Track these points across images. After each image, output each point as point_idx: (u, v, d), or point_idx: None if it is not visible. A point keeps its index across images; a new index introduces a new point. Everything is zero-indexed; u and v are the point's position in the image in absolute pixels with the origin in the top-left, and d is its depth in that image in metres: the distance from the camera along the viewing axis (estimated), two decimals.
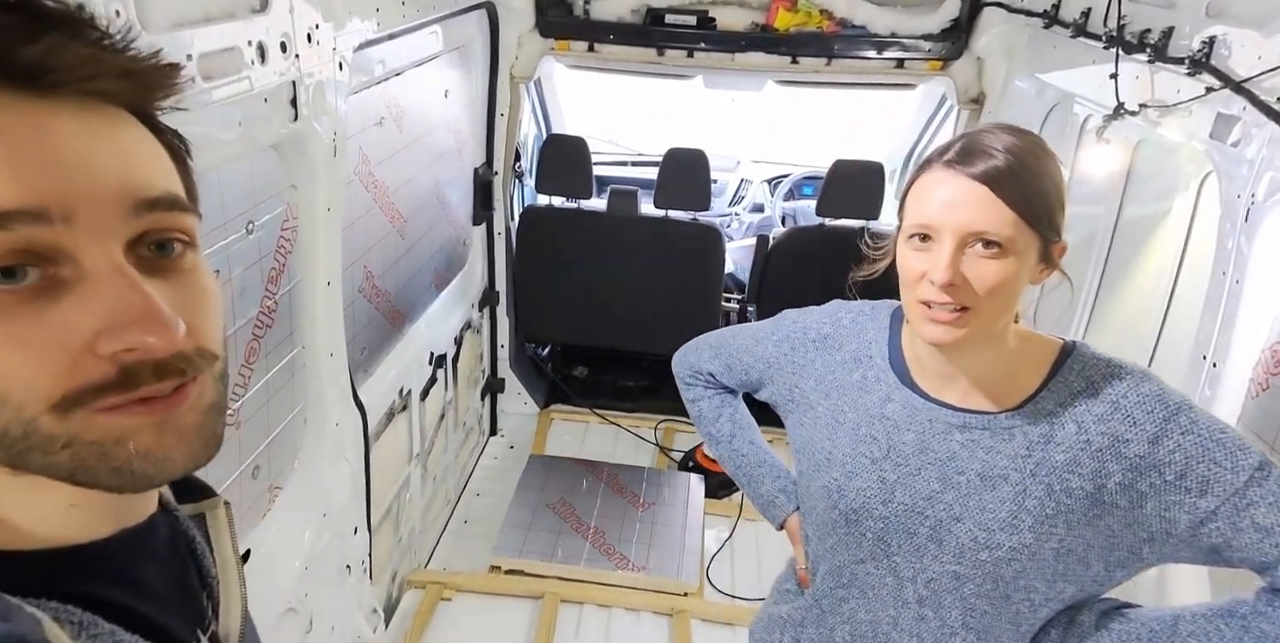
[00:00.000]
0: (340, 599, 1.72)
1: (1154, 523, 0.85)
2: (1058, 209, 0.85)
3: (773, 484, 1.18)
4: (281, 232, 1.46)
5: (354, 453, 1.74)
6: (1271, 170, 1.26)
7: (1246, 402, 1.35)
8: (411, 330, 2.36)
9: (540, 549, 2.46)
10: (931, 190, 0.84)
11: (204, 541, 0.55)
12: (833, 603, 1.04)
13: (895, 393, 0.95)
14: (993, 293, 0.82)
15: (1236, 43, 1.35)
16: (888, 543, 0.95)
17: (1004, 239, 0.81)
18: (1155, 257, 1.84)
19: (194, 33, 1.00)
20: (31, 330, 0.37)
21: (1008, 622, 0.93)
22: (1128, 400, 0.85)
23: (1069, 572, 0.89)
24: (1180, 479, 0.82)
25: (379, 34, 1.61)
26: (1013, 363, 0.91)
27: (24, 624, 0.38)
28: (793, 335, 1.07)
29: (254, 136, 1.18)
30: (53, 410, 0.37)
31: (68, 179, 0.38)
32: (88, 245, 0.38)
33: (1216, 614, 0.86)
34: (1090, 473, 0.85)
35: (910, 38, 2.55)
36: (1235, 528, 0.81)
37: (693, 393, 1.24)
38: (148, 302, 0.38)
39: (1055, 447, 0.87)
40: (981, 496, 0.89)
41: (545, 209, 3.09)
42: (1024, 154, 0.82)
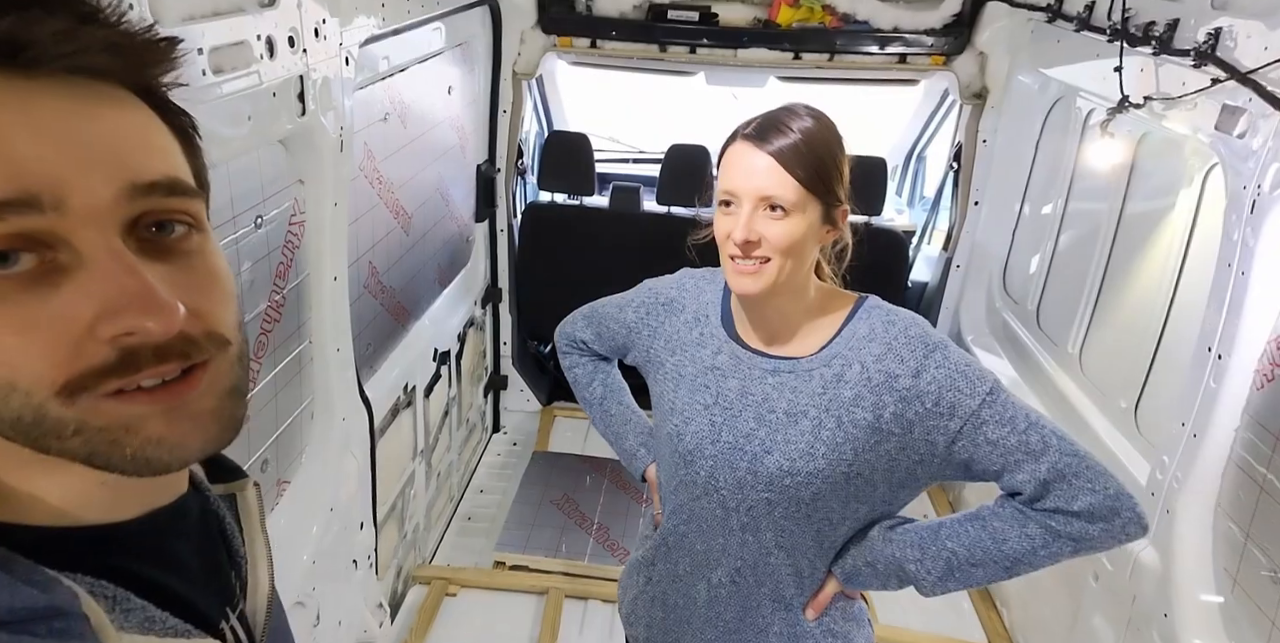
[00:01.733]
0: (347, 593, 1.73)
1: (921, 446, 1.00)
2: (836, 180, 1.00)
3: (634, 439, 1.30)
4: (289, 226, 1.46)
5: (360, 448, 1.74)
6: (1277, 162, 1.27)
7: (1251, 393, 1.36)
8: (416, 327, 2.36)
9: (544, 545, 2.47)
10: (734, 162, 1.00)
11: (234, 521, 0.56)
12: (676, 539, 1.17)
13: (724, 347, 1.10)
14: (783, 248, 0.97)
15: (1242, 34, 1.35)
16: (716, 478, 1.08)
17: (788, 203, 0.97)
18: (1159, 250, 1.84)
19: (204, 27, 1.00)
20: (32, 316, 0.36)
21: (811, 539, 1.08)
22: (898, 342, 1.01)
23: (859, 493, 1.04)
24: (935, 406, 0.98)
25: (384, 30, 1.61)
26: (814, 315, 1.06)
27: (62, 597, 0.38)
28: (647, 301, 1.21)
29: (263, 130, 1.18)
30: (59, 396, 0.37)
31: (58, 166, 0.37)
32: (83, 230, 0.37)
33: (966, 518, 1.06)
34: (870, 405, 1.00)
35: (913, 33, 2.55)
36: (974, 443, 0.98)
37: (569, 361, 1.37)
38: (143, 285, 0.38)
39: (844, 384, 1.02)
40: (787, 430, 1.03)
41: (547, 206, 3.09)
42: (810, 133, 0.98)
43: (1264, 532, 1.32)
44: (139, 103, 0.42)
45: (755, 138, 0.98)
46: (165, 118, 0.44)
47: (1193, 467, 1.42)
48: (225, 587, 0.52)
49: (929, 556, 1.04)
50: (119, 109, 0.40)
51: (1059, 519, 0.98)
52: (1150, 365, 1.79)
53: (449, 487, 2.69)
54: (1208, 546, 1.42)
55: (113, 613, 0.41)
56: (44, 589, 0.37)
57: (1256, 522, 1.33)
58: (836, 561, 1.10)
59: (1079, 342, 2.10)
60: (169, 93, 0.44)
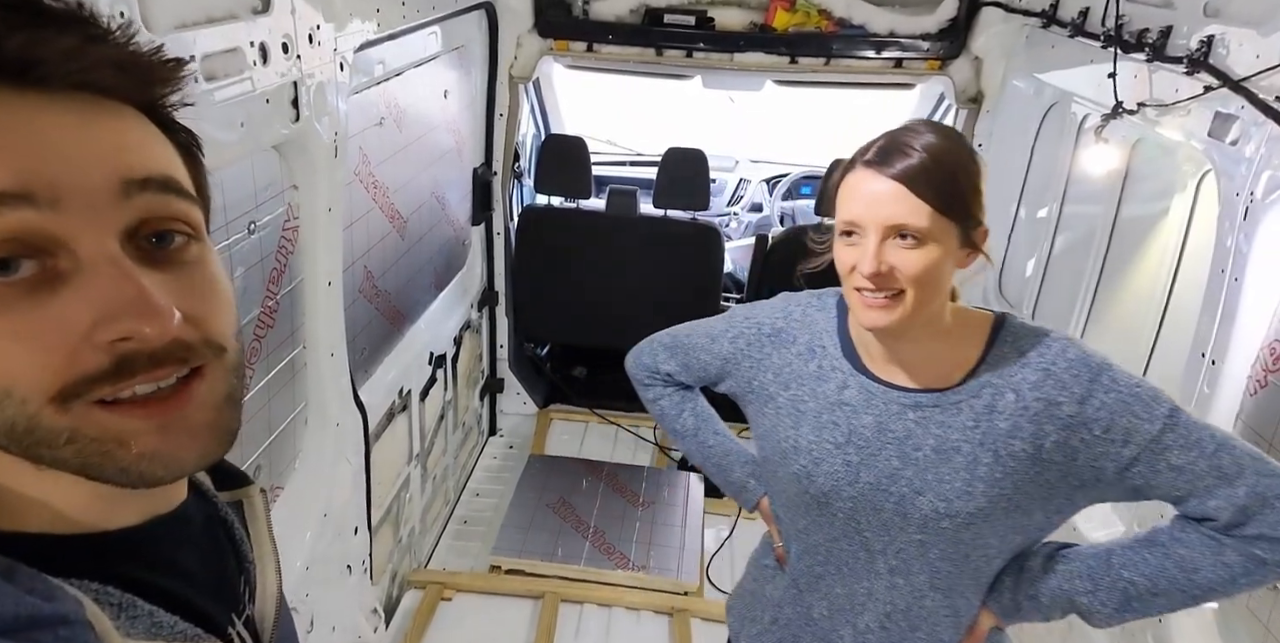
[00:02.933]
0: (341, 599, 1.72)
1: (1086, 473, 0.93)
2: (973, 199, 0.91)
3: (741, 470, 1.23)
4: (283, 232, 1.46)
5: (354, 453, 1.74)
6: (1270, 169, 1.27)
7: (1245, 399, 1.36)
8: (411, 331, 2.36)
9: (540, 549, 2.46)
10: (855, 189, 0.92)
11: (241, 527, 0.56)
12: (809, 581, 1.10)
13: (850, 379, 1.01)
14: (917, 279, 0.89)
15: (1235, 42, 1.36)
16: (858, 521, 1.01)
17: (921, 231, 0.88)
18: (1153, 255, 1.85)
19: (197, 33, 1.00)
20: (31, 324, 0.37)
21: (969, 578, 1.01)
22: (1057, 366, 0.93)
23: (1017, 525, 0.97)
24: (1106, 433, 0.91)
25: (379, 34, 1.61)
26: (951, 341, 0.97)
27: (66, 604, 0.38)
28: (746, 332, 1.11)
29: (256, 137, 1.18)
30: (53, 403, 0.37)
31: (53, 164, 0.37)
32: (82, 233, 0.38)
33: (1141, 545, 0.97)
34: (1030, 435, 0.93)
35: (908, 37, 2.55)
36: (1154, 470, 0.91)
37: (652, 393, 1.29)
38: (140, 290, 0.38)
39: (998, 415, 0.94)
40: (938, 468, 0.96)
41: (544, 209, 3.09)
42: (939, 151, 0.89)
43: None
44: (143, 118, 0.43)
45: (877, 162, 0.89)
46: (169, 135, 0.45)
47: None
48: (232, 592, 0.52)
49: (1102, 587, 0.97)
50: (120, 120, 0.42)
51: (1264, 547, 0.90)
52: (1145, 370, 1.79)
53: (445, 491, 2.68)
54: None
55: (118, 620, 0.41)
56: (47, 598, 0.37)
57: None
58: (991, 594, 1.03)
59: None
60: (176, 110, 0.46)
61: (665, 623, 2.28)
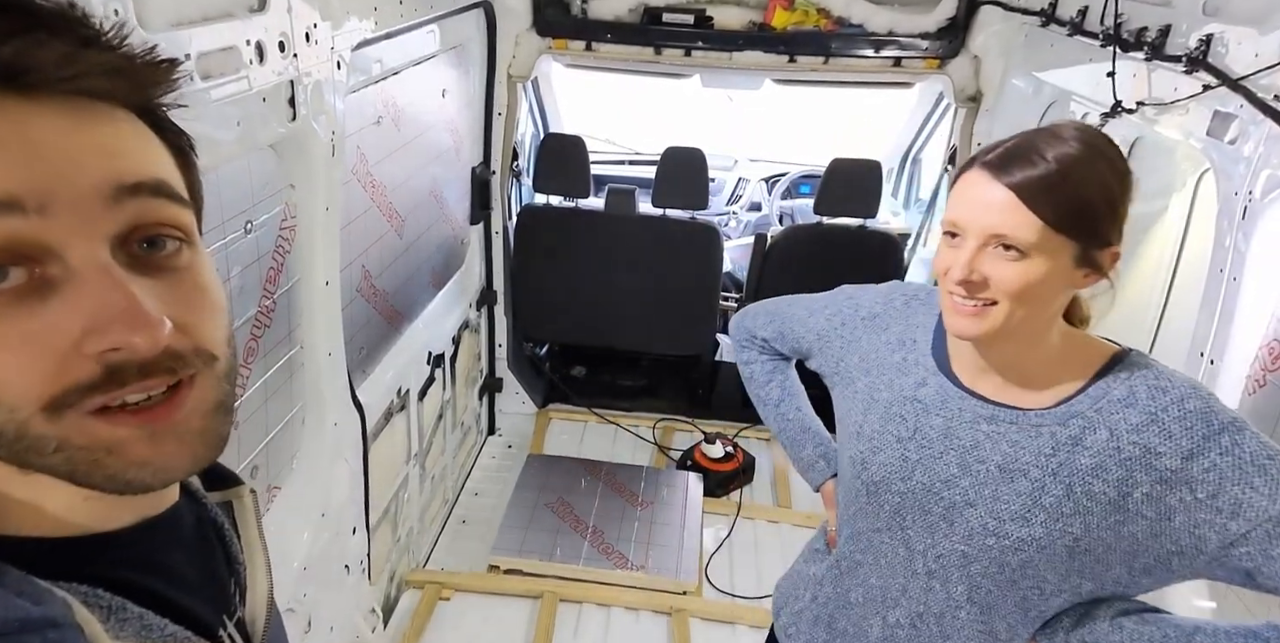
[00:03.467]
0: (339, 599, 1.72)
1: (1183, 538, 0.84)
2: (1105, 217, 0.84)
3: (814, 450, 1.23)
4: (280, 231, 1.46)
5: (352, 453, 1.73)
6: (1269, 168, 1.27)
7: (1243, 399, 1.36)
8: (409, 330, 2.36)
9: (539, 549, 2.46)
10: (965, 191, 0.87)
11: (231, 528, 0.56)
12: (850, 566, 1.10)
13: (931, 378, 0.98)
14: (1014, 293, 0.83)
15: (1234, 40, 1.36)
16: (903, 517, 0.99)
17: (1024, 244, 0.82)
18: (1152, 254, 1.85)
19: (192, 32, 0.99)
20: (20, 331, 0.37)
21: (1014, 604, 0.96)
22: (1168, 414, 0.84)
23: (1085, 569, 0.90)
24: (1212, 499, 0.82)
25: (377, 33, 1.60)
26: (1054, 365, 0.91)
27: (55, 608, 0.38)
28: (844, 311, 1.11)
29: (252, 136, 1.18)
30: (43, 411, 0.37)
31: (43, 170, 0.37)
32: (72, 240, 0.38)
33: (1239, 633, 0.86)
34: (1116, 480, 0.86)
35: (907, 36, 2.55)
36: (1266, 555, 0.81)
37: (747, 356, 1.29)
38: (130, 300, 0.38)
39: (1083, 450, 0.87)
40: (998, 486, 0.91)
41: (543, 208, 3.09)
42: (1072, 162, 0.82)
43: None
44: (136, 121, 0.43)
45: (995, 167, 0.83)
46: (162, 136, 0.45)
47: None
48: (223, 594, 0.52)
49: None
50: (113, 124, 0.41)
51: None
52: None
53: (443, 490, 2.68)
54: None
55: (108, 623, 0.41)
56: (36, 601, 0.37)
57: None
58: (1044, 630, 0.97)
59: None
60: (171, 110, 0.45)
61: (664, 623, 2.28)
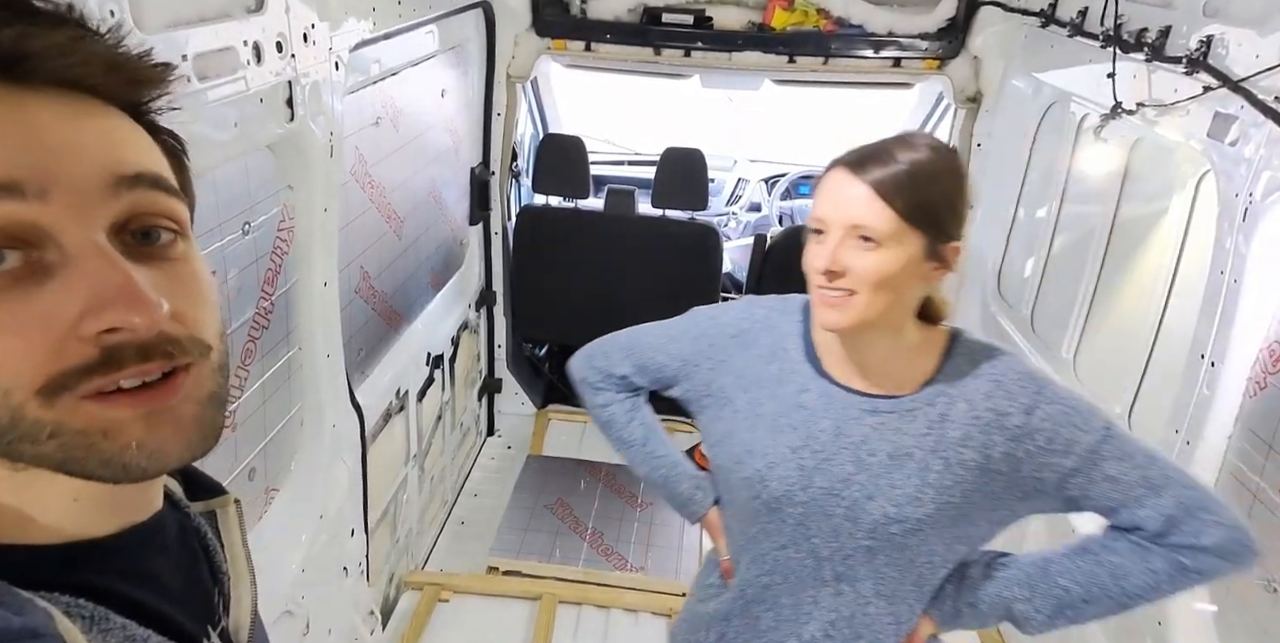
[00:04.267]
0: (337, 601, 1.72)
1: (1028, 483, 0.97)
2: (947, 214, 0.94)
3: (689, 483, 1.21)
4: (278, 232, 1.45)
5: (351, 455, 1.73)
6: (1269, 169, 1.26)
7: (1244, 401, 1.36)
8: (408, 331, 2.35)
9: (538, 550, 2.46)
10: (827, 189, 0.96)
11: (215, 537, 0.55)
12: (757, 591, 1.09)
13: (811, 383, 1.02)
14: (871, 282, 0.91)
15: (1234, 42, 1.35)
16: (807, 527, 1.02)
17: (880, 235, 0.90)
18: (1152, 256, 1.84)
19: (189, 33, 0.99)
20: (16, 315, 0.36)
21: (912, 585, 1.03)
22: (1006, 378, 0.97)
23: (962, 534, 1.01)
24: (1049, 443, 0.95)
25: (375, 34, 1.60)
26: (911, 351, 1.00)
27: (36, 619, 0.37)
28: (710, 332, 1.11)
29: (250, 137, 1.17)
30: (38, 396, 0.37)
31: (44, 155, 0.37)
32: (68, 225, 0.38)
33: (1075, 553, 1.01)
34: (979, 445, 0.96)
35: (907, 37, 2.55)
36: (1090, 480, 0.95)
37: (603, 397, 1.23)
38: (127, 280, 0.38)
39: (950, 423, 0.97)
40: (891, 474, 0.98)
41: (542, 209, 3.08)
42: (920, 163, 0.92)
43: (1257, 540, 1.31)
44: (128, 119, 0.43)
45: (855, 166, 0.92)
46: (155, 137, 0.45)
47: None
48: (207, 604, 0.51)
49: (1039, 593, 1.00)
50: (109, 118, 0.41)
51: (1188, 554, 0.95)
52: (1144, 371, 1.78)
53: (442, 491, 2.68)
54: None
55: (90, 633, 0.40)
56: (17, 611, 0.37)
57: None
58: (934, 602, 1.05)
59: (1073, 346, 2.10)
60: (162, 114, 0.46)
61: (663, 624, 2.27)
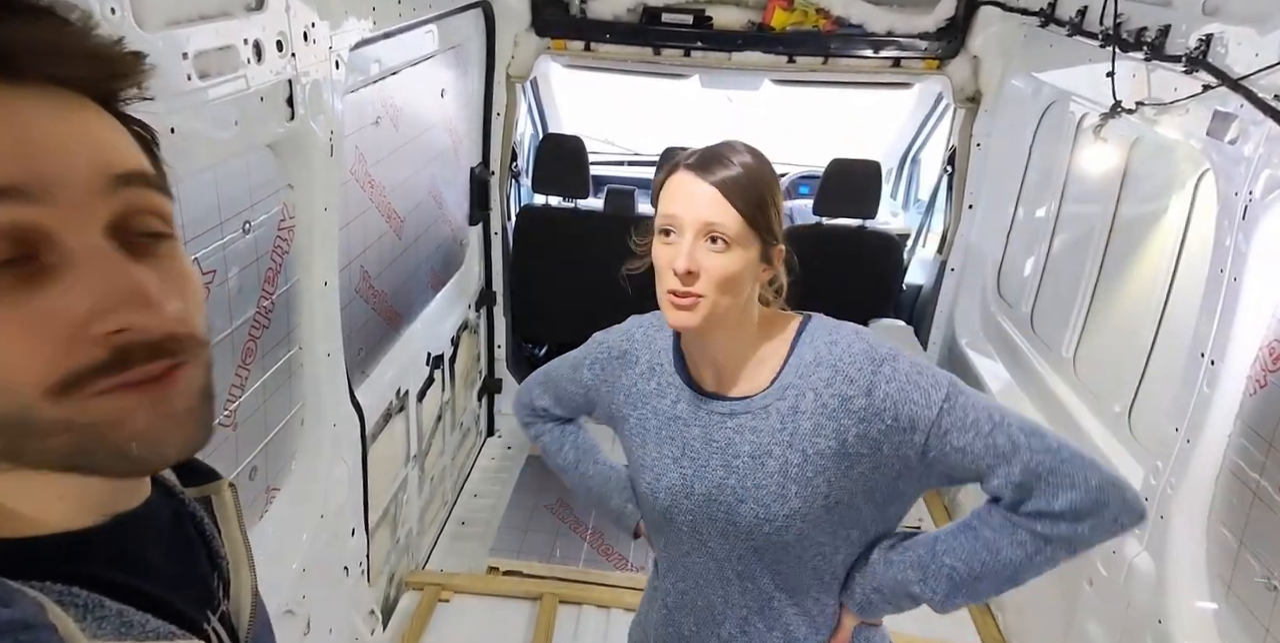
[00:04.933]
0: (338, 601, 1.71)
1: (895, 462, 0.96)
2: (774, 217, 0.98)
3: (619, 496, 1.22)
4: (278, 231, 1.45)
5: (351, 454, 1.73)
6: (1269, 168, 1.27)
7: (1244, 399, 1.36)
8: (408, 331, 2.35)
9: (538, 550, 2.45)
10: (677, 189, 0.97)
11: (212, 523, 0.55)
12: (675, 598, 1.13)
13: (682, 393, 1.05)
14: (719, 282, 0.94)
15: (1233, 40, 1.35)
16: (700, 532, 1.04)
17: (731, 235, 0.93)
18: (1152, 255, 1.84)
19: (190, 31, 0.99)
20: (22, 316, 0.37)
21: (810, 576, 1.04)
22: (843, 361, 0.96)
23: (844, 519, 1.00)
24: (895, 421, 0.94)
25: (375, 33, 1.60)
26: (759, 345, 1.01)
27: (26, 609, 0.37)
28: (599, 357, 1.15)
29: (250, 136, 1.17)
30: (47, 395, 0.37)
31: (41, 157, 0.38)
32: (69, 227, 0.38)
33: (959, 530, 1.01)
34: (832, 432, 0.96)
35: (906, 37, 2.55)
36: (944, 453, 0.94)
37: (534, 431, 1.30)
38: (136, 282, 0.39)
39: (802, 415, 0.97)
40: (756, 475, 0.99)
41: (542, 209, 3.08)
42: (751, 169, 0.96)
43: (1257, 538, 1.32)
44: (103, 111, 0.43)
45: (698, 167, 0.95)
46: (130, 129, 0.45)
47: (1186, 472, 1.42)
48: (205, 588, 0.52)
49: (930, 574, 1.00)
50: (92, 114, 0.42)
51: (1044, 523, 0.93)
52: (1144, 369, 1.79)
53: (442, 491, 2.67)
54: (1202, 552, 1.42)
55: (84, 621, 0.40)
56: (6, 602, 0.37)
57: (1250, 528, 1.33)
58: (845, 592, 1.06)
59: (1073, 345, 2.10)
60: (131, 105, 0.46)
61: None
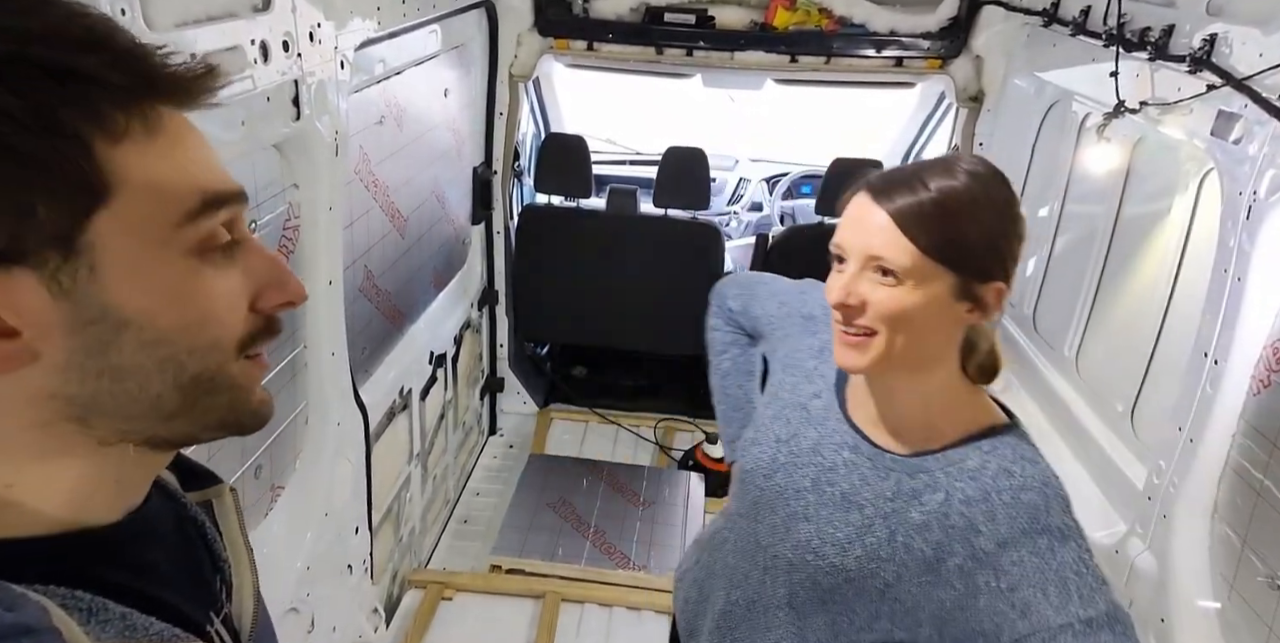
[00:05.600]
0: (341, 599, 1.72)
1: (985, 621, 0.84)
2: (983, 251, 0.84)
3: (738, 429, 1.26)
4: (284, 231, 1.46)
5: (355, 453, 1.73)
6: (1273, 168, 1.27)
7: (1248, 399, 1.36)
8: (411, 330, 2.36)
9: (541, 549, 2.46)
10: (849, 214, 0.89)
11: (214, 526, 0.56)
12: (719, 541, 1.16)
13: (826, 393, 1.01)
14: (889, 319, 0.83)
15: (1237, 40, 1.35)
16: (758, 511, 1.04)
17: (900, 268, 0.82)
18: (1155, 255, 1.84)
19: (197, 32, 0.99)
20: (229, 280, 0.44)
21: (824, 624, 0.99)
22: (1000, 498, 0.85)
23: (896, 617, 0.93)
24: (1010, 592, 0.82)
25: (379, 33, 1.60)
26: (932, 416, 0.92)
27: (30, 614, 0.37)
28: (793, 303, 1.14)
29: (257, 136, 1.18)
30: (236, 352, 0.44)
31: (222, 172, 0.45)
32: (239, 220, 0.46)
33: None
34: (935, 543, 0.87)
35: (909, 36, 2.55)
36: None
37: (713, 321, 1.36)
38: (284, 266, 0.47)
39: (917, 505, 0.89)
40: (834, 510, 0.94)
41: (544, 208, 3.09)
42: (952, 193, 0.83)
43: (1260, 538, 1.32)
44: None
45: (879, 192, 0.85)
46: None
47: (1189, 472, 1.42)
48: (208, 591, 0.52)
49: None
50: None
51: None
52: (1147, 370, 1.79)
53: (445, 490, 2.68)
54: (1204, 551, 1.42)
55: (88, 625, 0.40)
56: (9, 606, 0.37)
57: (1253, 528, 1.33)
58: None
59: (1075, 345, 2.10)
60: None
61: (666, 622, 2.28)
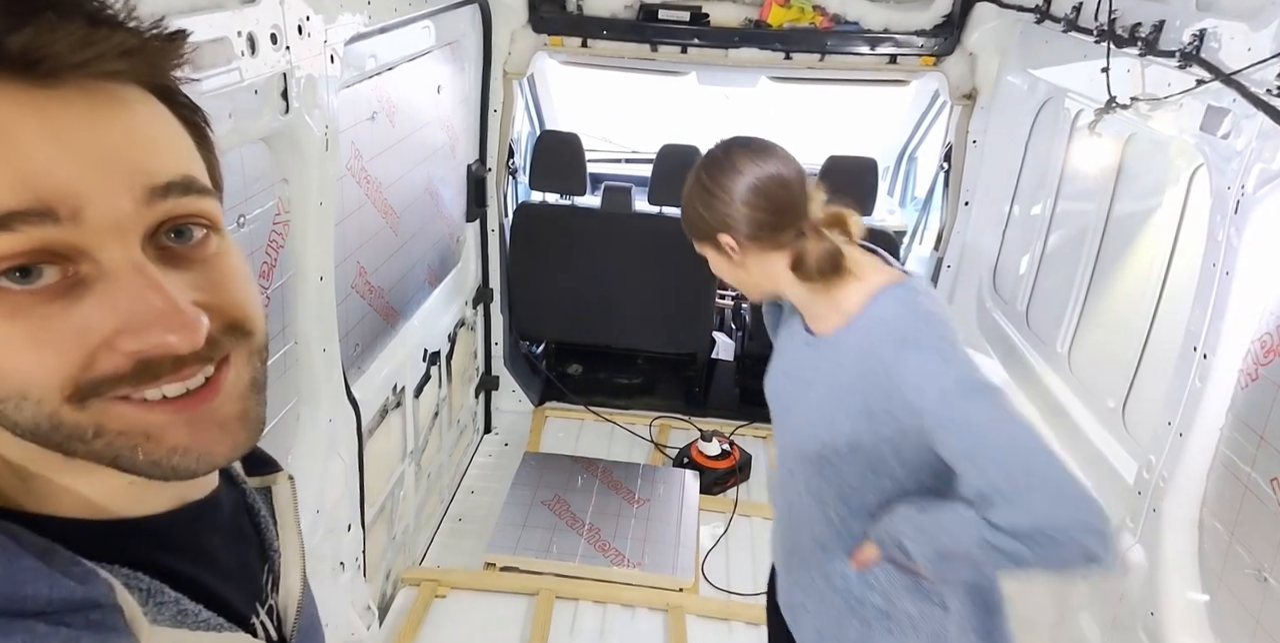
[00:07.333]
0: (334, 597, 1.72)
1: (914, 436, 1.05)
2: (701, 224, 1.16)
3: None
4: (273, 226, 1.45)
5: (347, 450, 1.73)
6: (1261, 162, 1.27)
7: (1236, 392, 1.36)
8: (405, 327, 2.35)
9: (535, 546, 2.46)
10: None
11: (269, 514, 0.56)
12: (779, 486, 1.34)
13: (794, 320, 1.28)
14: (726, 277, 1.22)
15: (1226, 35, 1.36)
16: (779, 422, 1.27)
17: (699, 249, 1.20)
18: (1146, 250, 1.85)
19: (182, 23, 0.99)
20: (50, 329, 0.36)
21: (834, 495, 1.18)
22: (879, 332, 1.08)
23: (875, 465, 1.12)
24: (903, 400, 1.03)
25: (370, 27, 1.60)
26: (819, 306, 1.17)
27: (98, 589, 0.38)
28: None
29: (244, 129, 1.17)
30: (68, 401, 0.37)
31: (74, 176, 0.36)
32: (104, 241, 0.37)
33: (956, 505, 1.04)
34: (860, 392, 1.08)
35: (903, 33, 2.55)
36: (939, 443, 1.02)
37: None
38: (168, 301, 0.38)
39: (843, 369, 1.11)
40: (804, 394, 1.19)
41: (539, 206, 3.08)
42: (683, 196, 1.17)
43: (1248, 530, 1.32)
44: (153, 100, 0.42)
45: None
46: (178, 112, 0.43)
47: (1179, 466, 1.43)
48: (255, 581, 0.52)
49: (924, 535, 1.04)
50: (133, 110, 0.40)
51: (989, 530, 0.96)
52: (1138, 365, 1.79)
53: (439, 488, 2.68)
54: (1194, 544, 1.43)
55: (146, 606, 0.41)
56: (81, 581, 0.38)
57: (1241, 520, 1.34)
58: (872, 525, 1.15)
59: (1067, 341, 2.10)
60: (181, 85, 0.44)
61: (661, 620, 2.28)
